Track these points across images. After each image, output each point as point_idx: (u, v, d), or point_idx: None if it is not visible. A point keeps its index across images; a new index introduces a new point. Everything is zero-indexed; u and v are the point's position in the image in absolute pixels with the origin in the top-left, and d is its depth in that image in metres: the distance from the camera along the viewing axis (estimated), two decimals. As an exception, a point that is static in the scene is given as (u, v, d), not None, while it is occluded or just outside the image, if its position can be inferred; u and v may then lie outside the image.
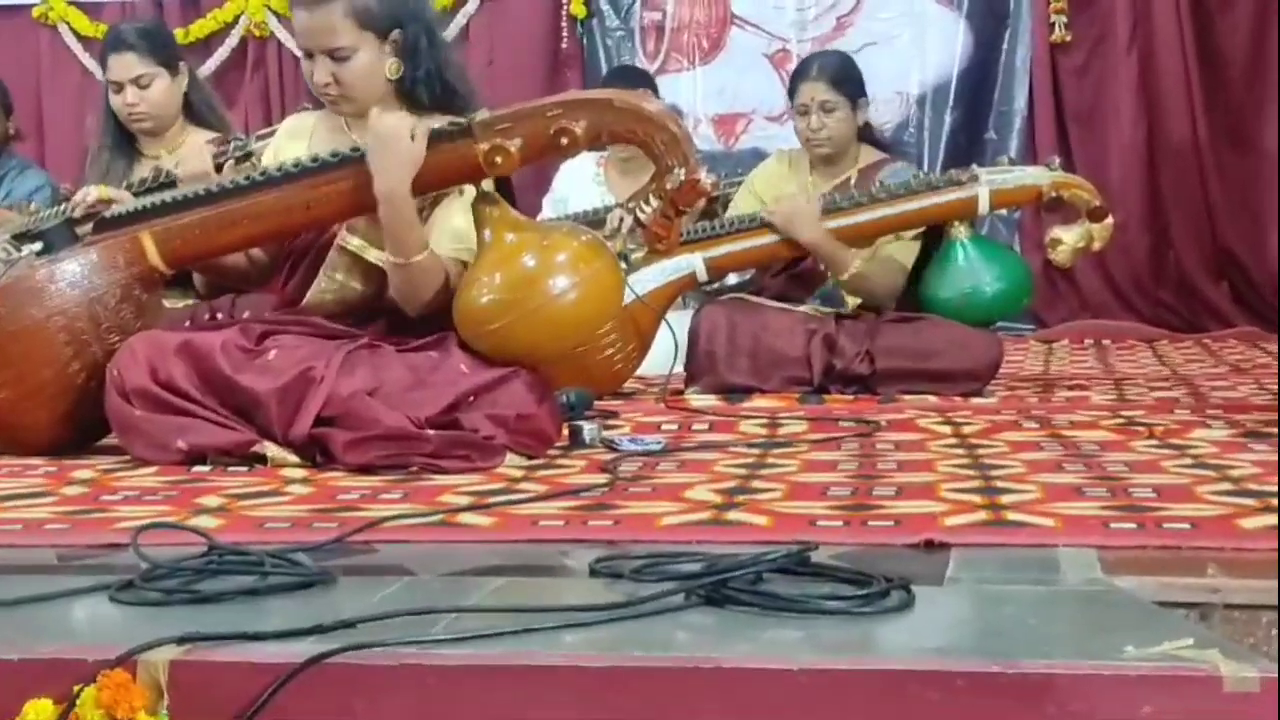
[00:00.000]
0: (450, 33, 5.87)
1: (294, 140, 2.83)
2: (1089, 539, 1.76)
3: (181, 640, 1.36)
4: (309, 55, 2.69)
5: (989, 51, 5.71)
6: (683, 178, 2.55)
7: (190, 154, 3.44)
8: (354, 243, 2.66)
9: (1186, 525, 1.82)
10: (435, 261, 2.60)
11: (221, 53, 6.01)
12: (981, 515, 1.92)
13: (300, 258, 2.77)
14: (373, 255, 2.65)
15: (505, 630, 1.37)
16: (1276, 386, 3.45)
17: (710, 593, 1.47)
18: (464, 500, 2.11)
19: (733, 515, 1.95)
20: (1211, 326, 5.40)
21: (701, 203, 3.23)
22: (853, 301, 3.72)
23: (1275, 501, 1.92)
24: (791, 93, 3.82)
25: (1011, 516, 1.90)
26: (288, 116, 2.95)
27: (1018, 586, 1.56)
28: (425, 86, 2.67)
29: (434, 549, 1.81)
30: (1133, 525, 1.84)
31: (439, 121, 2.60)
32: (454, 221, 2.66)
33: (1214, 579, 1.56)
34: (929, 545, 1.75)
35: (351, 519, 1.96)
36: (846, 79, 3.74)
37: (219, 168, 3.35)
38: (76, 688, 1.32)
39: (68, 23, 6.14)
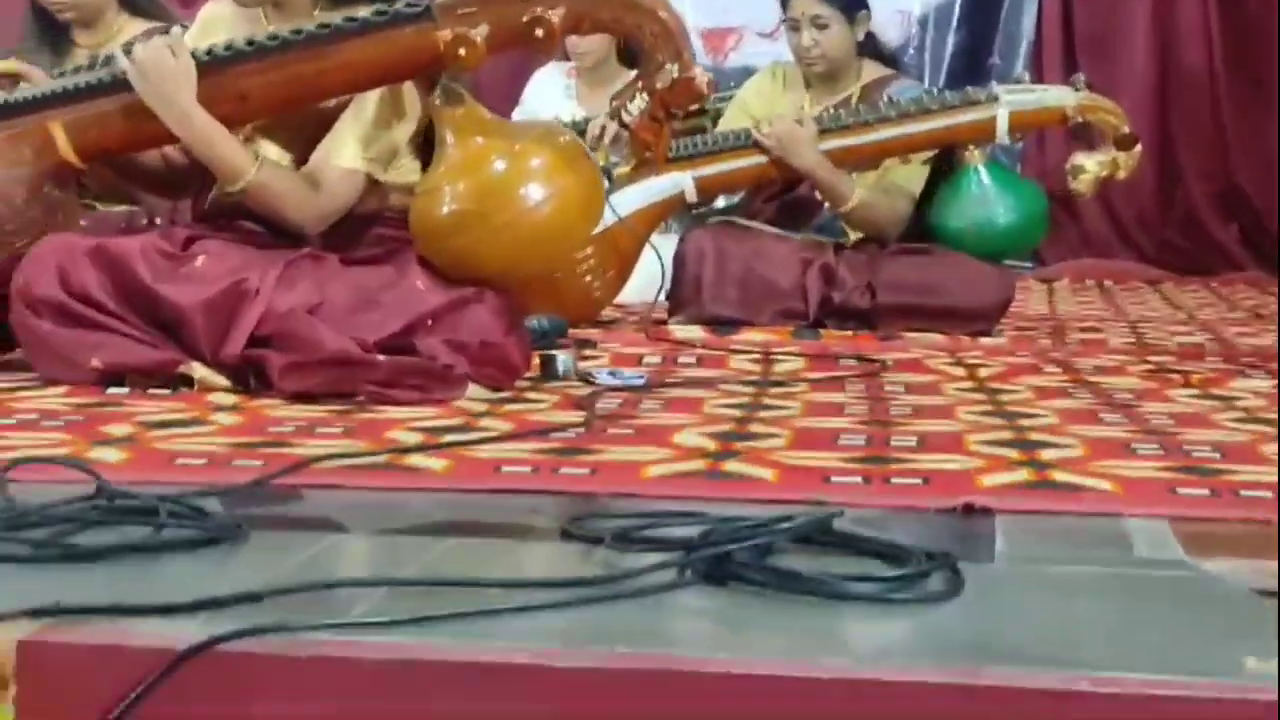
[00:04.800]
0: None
1: (210, 30, 2.48)
2: (1158, 508, 1.47)
3: (37, 613, 1.07)
4: None
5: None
6: (675, 75, 2.23)
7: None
8: (271, 148, 2.36)
9: (1266, 493, 1.54)
10: (274, 180, 2.29)
11: (177, -56, 5.61)
12: (1023, 474, 1.63)
13: None
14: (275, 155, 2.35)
15: (450, 614, 1.07)
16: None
17: (710, 568, 1.18)
18: (414, 438, 1.80)
19: (731, 466, 1.66)
20: (1219, 269, 5.12)
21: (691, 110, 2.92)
22: (854, 234, 3.42)
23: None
24: (784, 4, 3.47)
25: (1059, 477, 1.61)
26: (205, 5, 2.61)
27: (1086, 568, 1.27)
28: None
29: (373, 499, 1.51)
30: (1205, 491, 1.56)
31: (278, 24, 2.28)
32: (342, 128, 2.33)
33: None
34: (968, 510, 1.46)
35: (279, 456, 1.66)
36: None
37: None
38: (-110, 672, 1.02)
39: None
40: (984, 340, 3.07)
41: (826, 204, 3.36)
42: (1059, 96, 3.28)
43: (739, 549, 1.19)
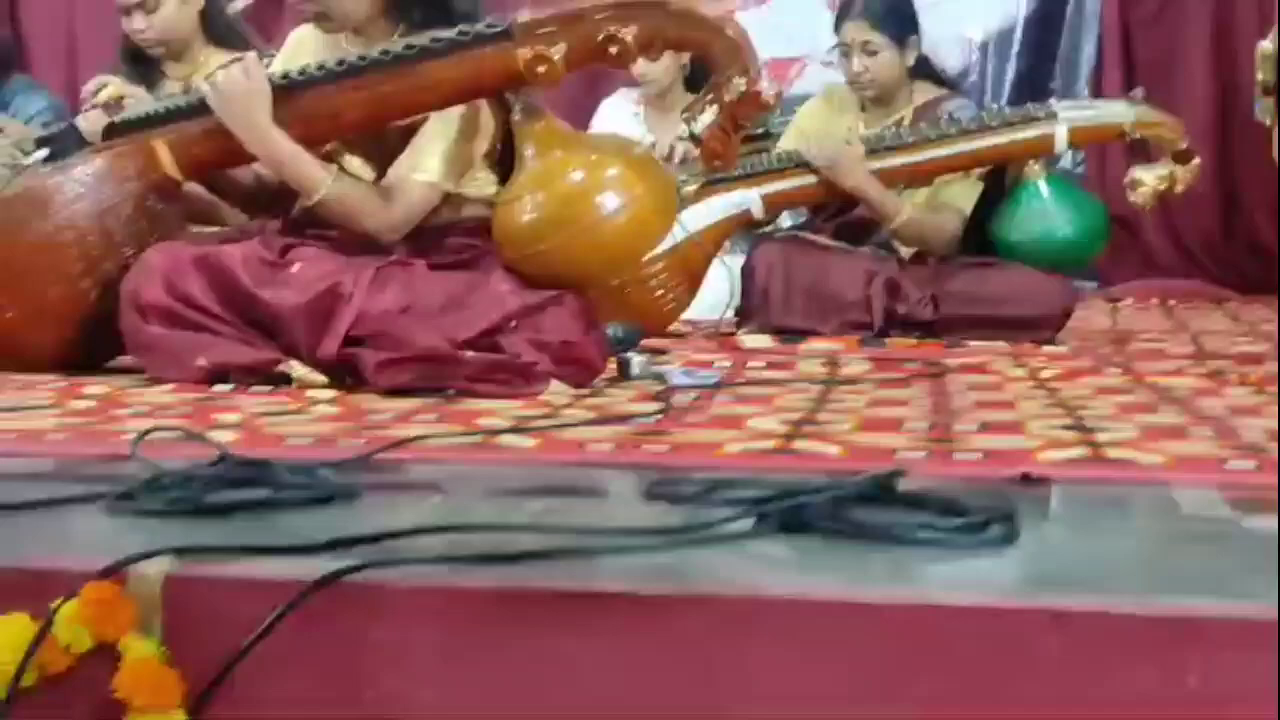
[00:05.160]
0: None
1: (298, 52, 2.64)
2: (1207, 476, 1.56)
3: (180, 552, 1.19)
4: None
5: (1056, -2, 5.46)
6: (743, 88, 2.34)
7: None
8: (354, 162, 2.50)
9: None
10: (348, 193, 2.45)
11: (260, -19, 5.82)
12: (1080, 451, 1.72)
13: None
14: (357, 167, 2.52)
15: (554, 549, 1.18)
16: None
17: (786, 518, 1.28)
18: (503, 424, 1.92)
19: (801, 445, 1.76)
20: (1284, 288, 5.15)
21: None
22: (907, 250, 3.51)
23: None
24: (836, 30, 3.58)
25: (1114, 454, 1.70)
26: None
27: (1136, 523, 1.36)
28: (416, 3, 2.49)
29: (470, 470, 1.63)
30: (1252, 464, 1.64)
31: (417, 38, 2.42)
32: (420, 143, 2.48)
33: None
34: (1026, 480, 1.55)
35: (381, 438, 1.78)
36: (891, 17, 3.47)
37: None
38: (56, 602, 1.14)
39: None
40: (1046, 348, 3.15)
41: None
42: (1117, 111, 3.36)
43: (811, 501, 1.30)
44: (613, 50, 2.37)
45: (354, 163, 2.54)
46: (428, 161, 2.48)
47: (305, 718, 1.14)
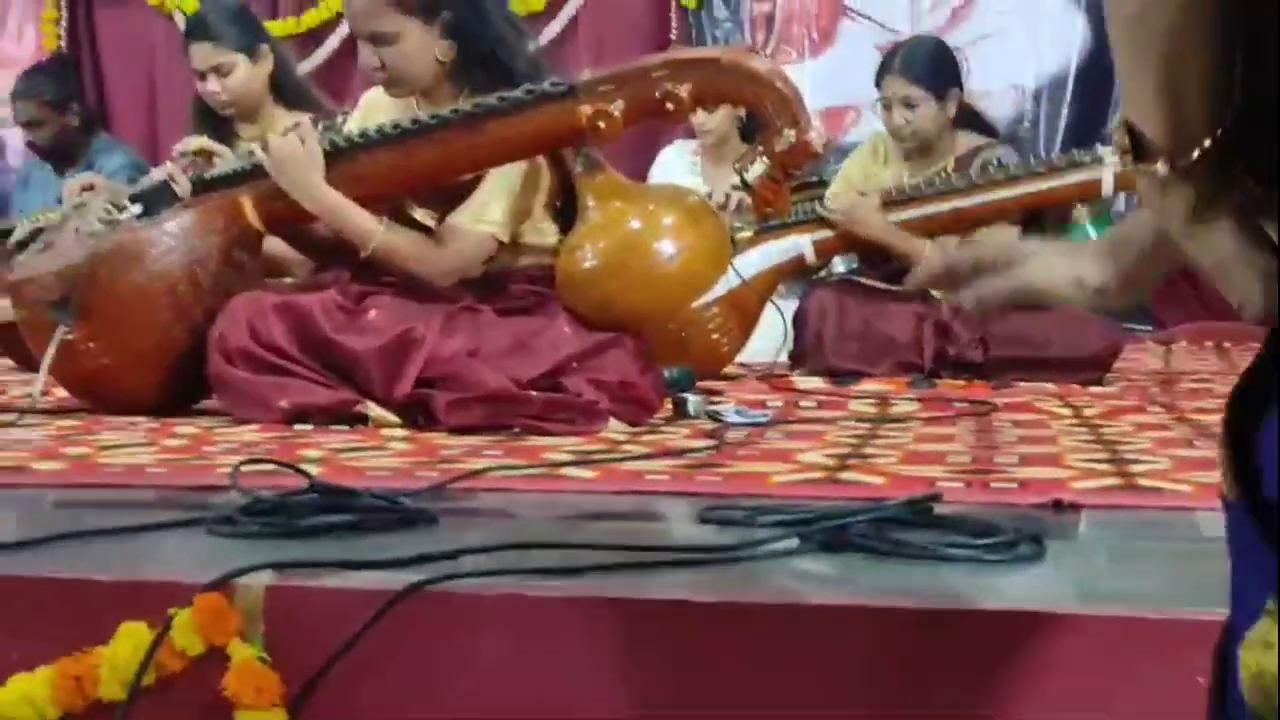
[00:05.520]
0: (559, 23, 5.86)
1: (372, 112, 2.80)
2: (1230, 503, 1.65)
3: (279, 566, 1.32)
4: (359, 39, 2.66)
5: (1109, 45, 5.54)
6: (793, 139, 2.47)
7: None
8: (419, 211, 2.64)
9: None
10: (400, 243, 2.61)
11: (333, 41, 6.04)
12: (1112, 481, 1.82)
13: None
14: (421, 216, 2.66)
15: (616, 564, 1.30)
16: None
17: (828, 538, 1.40)
18: (566, 458, 2.05)
19: (846, 476, 1.87)
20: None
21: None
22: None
23: None
24: (877, 84, 3.69)
25: (1145, 483, 1.80)
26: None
27: (1156, 544, 1.47)
28: (480, 68, 2.63)
29: (537, 498, 1.75)
30: None
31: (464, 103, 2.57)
32: (481, 195, 2.63)
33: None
34: (1058, 506, 1.65)
35: (453, 470, 1.91)
36: (931, 72, 3.56)
37: None
38: (171, 611, 1.27)
39: (181, 9, 6.20)
40: (1094, 388, 3.23)
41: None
42: (1162, 157, 3.44)
43: (851, 522, 1.41)
44: (669, 106, 2.51)
45: (418, 212, 2.68)
46: (486, 211, 2.62)
47: (392, 715, 1.26)
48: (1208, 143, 0.70)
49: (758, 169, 2.51)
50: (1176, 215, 0.75)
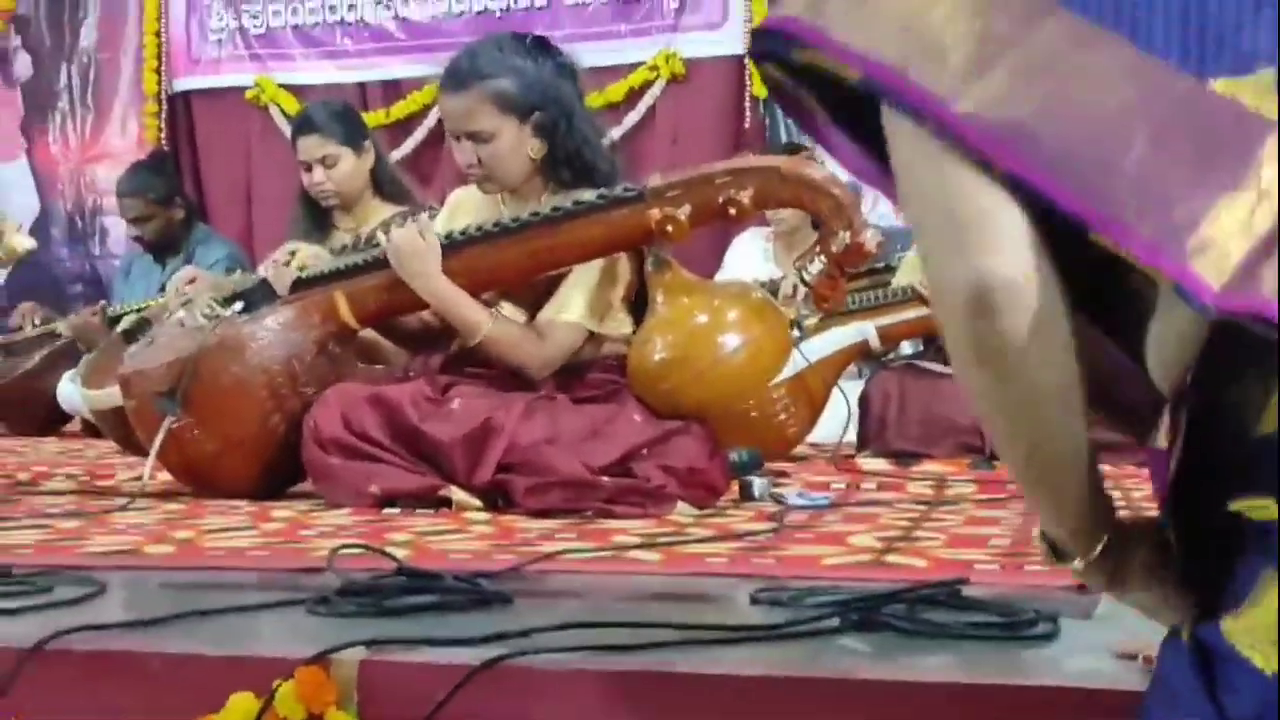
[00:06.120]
0: (637, 113, 6.08)
1: (458, 211, 3.00)
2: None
3: (371, 643, 1.49)
4: (455, 138, 2.85)
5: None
6: (848, 241, 2.63)
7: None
8: (507, 308, 2.84)
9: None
10: (507, 333, 2.78)
11: (419, 133, 6.31)
12: (1140, 563, 1.94)
13: None
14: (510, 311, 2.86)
15: (673, 641, 1.46)
16: None
17: (863, 618, 1.54)
18: (634, 541, 2.21)
19: (892, 558, 2.01)
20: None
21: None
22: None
23: None
24: None
25: (1171, 565, 1.92)
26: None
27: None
28: (566, 165, 2.82)
29: (605, 579, 1.91)
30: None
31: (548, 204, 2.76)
32: (566, 289, 2.81)
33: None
34: (1082, 588, 1.78)
35: (529, 553, 2.08)
36: None
37: None
38: (276, 683, 1.44)
39: (278, 104, 6.53)
40: (1146, 469, 3.32)
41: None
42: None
43: (885, 604, 1.56)
44: (732, 211, 2.68)
45: (506, 308, 2.88)
46: (574, 306, 2.80)
47: (471, 778, 1.42)
48: (1103, 543, 1.04)
49: (816, 267, 2.68)
50: (1100, 587, 1.08)
